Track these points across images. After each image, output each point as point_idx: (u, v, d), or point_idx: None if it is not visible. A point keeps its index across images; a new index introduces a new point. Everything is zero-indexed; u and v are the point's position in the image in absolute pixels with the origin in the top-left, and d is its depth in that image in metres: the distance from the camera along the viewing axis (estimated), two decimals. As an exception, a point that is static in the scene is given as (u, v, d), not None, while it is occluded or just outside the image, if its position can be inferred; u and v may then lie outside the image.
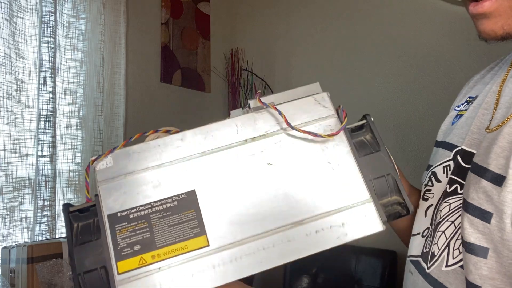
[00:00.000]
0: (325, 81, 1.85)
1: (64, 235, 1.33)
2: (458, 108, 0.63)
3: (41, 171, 1.20)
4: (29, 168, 1.21)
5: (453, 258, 0.50)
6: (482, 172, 0.47)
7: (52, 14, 1.23)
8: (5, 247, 0.99)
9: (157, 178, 0.42)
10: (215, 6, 2.05)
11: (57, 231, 1.27)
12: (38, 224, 1.18)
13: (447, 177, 0.55)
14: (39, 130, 1.21)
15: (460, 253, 0.48)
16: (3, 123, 1.15)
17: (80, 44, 1.39)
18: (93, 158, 0.44)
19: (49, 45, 1.23)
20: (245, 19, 2.13)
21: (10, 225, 1.16)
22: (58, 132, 1.29)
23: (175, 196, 0.41)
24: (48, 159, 1.21)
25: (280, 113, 0.44)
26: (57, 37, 1.27)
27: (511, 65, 0.56)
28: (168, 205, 0.41)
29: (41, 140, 1.21)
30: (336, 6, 1.84)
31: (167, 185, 0.41)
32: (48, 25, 1.23)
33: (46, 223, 1.19)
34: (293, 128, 0.43)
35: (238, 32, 2.14)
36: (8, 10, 1.15)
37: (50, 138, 1.22)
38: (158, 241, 0.40)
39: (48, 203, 1.20)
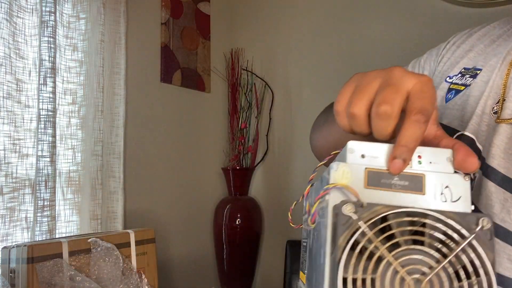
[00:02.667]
0: (325, 81, 1.86)
1: (64, 235, 1.33)
2: (451, 80, 0.53)
3: (41, 171, 1.20)
4: (29, 168, 1.21)
5: None
6: (507, 185, 0.39)
7: (52, 14, 1.23)
8: (5, 247, 0.99)
9: None
10: (215, 6, 2.05)
11: (57, 231, 1.27)
12: (38, 224, 1.18)
13: None
14: (39, 130, 1.21)
15: None
16: (3, 123, 1.15)
17: (80, 44, 1.39)
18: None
19: (49, 45, 1.23)
20: (245, 19, 2.13)
21: (10, 225, 1.16)
22: (58, 132, 1.29)
23: None
24: (48, 159, 1.21)
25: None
26: (57, 37, 1.27)
27: None
28: None
29: (41, 140, 1.21)
30: (336, 6, 1.84)
31: None
32: (48, 25, 1.23)
33: (46, 223, 1.19)
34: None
35: (238, 32, 2.14)
36: (8, 10, 1.14)
37: (50, 138, 1.22)
38: None
39: (48, 203, 1.20)
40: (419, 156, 0.33)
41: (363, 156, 0.34)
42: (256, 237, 1.89)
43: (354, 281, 0.30)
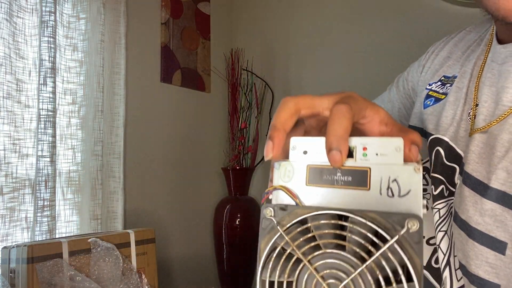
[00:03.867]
0: (325, 81, 1.85)
1: (64, 235, 1.33)
2: (430, 87, 0.54)
3: (41, 171, 1.20)
4: (29, 168, 1.21)
5: (457, 280, 0.43)
6: (481, 188, 0.39)
7: (52, 14, 1.23)
8: (5, 247, 0.99)
9: None
10: (215, 6, 2.05)
11: (57, 231, 1.27)
12: (38, 224, 1.18)
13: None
14: (39, 130, 1.21)
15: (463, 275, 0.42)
16: (3, 123, 1.15)
17: (80, 44, 1.39)
18: None
19: (49, 45, 1.23)
20: (245, 19, 2.13)
21: (10, 225, 1.16)
22: (58, 132, 1.29)
23: None
24: (48, 159, 1.21)
25: None
26: (57, 37, 1.27)
27: (488, 49, 0.48)
28: None
29: (41, 140, 1.21)
30: (336, 6, 1.84)
31: None
32: (48, 25, 1.23)
33: (46, 223, 1.19)
34: None
35: (238, 32, 2.14)
36: (8, 10, 1.14)
37: (50, 138, 1.22)
38: None
39: (48, 203, 1.20)
40: (364, 148, 0.30)
41: (305, 152, 0.32)
42: (256, 237, 1.88)
43: (273, 283, 0.30)
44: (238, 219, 1.82)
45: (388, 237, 0.27)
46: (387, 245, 0.26)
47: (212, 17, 2.02)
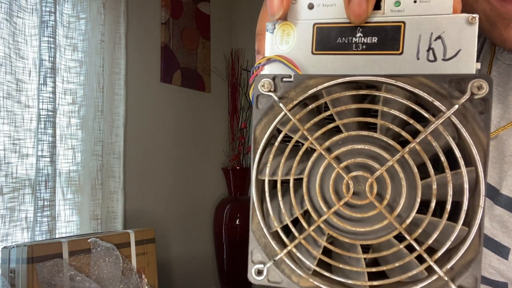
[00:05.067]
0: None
1: (64, 235, 1.33)
2: None
3: (41, 171, 1.20)
4: (29, 168, 1.21)
5: None
6: (493, 193, 0.39)
7: (52, 14, 1.23)
8: (5, 247, 0.99)
9: None
10: (215, 6, 2.05)
11: (57, 231, 1.27)
12: (38, 224, 1.18)
13: None
14: (39, 130, 1.21)
15: None
16: (3, 123, 1.15)
17: (80, 44, 1.39)
18: None
19: (49, 45, 1.23)
20: (245, 19, 2.13)
21: (10, 225, 1.16)
22: (58, 132, 1.29)
23: None
24: (48, 159, 1.21)
25: None
26: (57, 37, 1.27)
27: (492, 53, 0.46)
28: None
29: (41, 140, 1.21)
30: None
31: None
32: (48, 25, 1.23)
33: (46, 223, 1.19)
34: None
35: (238, 32, 2.14)
36: (8, 10, 1.14)
37: (50, 138, 1.22)
38: None
39: (48, 203, 1.20)
40: None
41: (311, 6, 0.23)
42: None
43: (275, 184, 0.21)
44: (238, 219, 1.82)
45: (442, 107, 0.19)
46: (443, 117, 0.18)
47: (212, 17, 2.02)
